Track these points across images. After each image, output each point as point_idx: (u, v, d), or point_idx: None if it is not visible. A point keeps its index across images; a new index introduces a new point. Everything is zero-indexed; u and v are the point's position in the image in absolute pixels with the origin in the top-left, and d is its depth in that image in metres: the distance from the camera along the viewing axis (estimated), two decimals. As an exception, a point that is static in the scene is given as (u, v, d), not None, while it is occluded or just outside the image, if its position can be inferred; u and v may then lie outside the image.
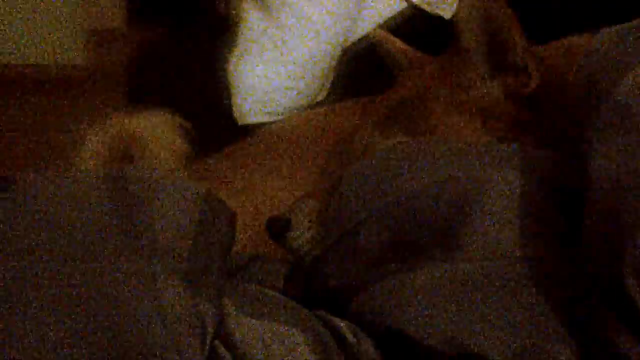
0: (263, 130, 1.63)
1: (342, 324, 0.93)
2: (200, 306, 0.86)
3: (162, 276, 0.85)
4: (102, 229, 0.89)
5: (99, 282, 0.84)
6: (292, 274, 1.15)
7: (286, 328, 0.89)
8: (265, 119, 1.71)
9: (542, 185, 0.96)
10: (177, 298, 0.84)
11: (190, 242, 0.90)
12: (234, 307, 0.90)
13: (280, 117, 1.71)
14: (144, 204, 0.91)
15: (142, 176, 0.97)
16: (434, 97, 1.16)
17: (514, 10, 1.09)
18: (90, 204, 0.92)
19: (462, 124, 1.13)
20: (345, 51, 1.75)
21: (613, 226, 0.80)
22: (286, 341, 0.88)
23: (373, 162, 1.08)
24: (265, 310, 0.91)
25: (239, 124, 1.73)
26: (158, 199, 0.93)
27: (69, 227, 0.89)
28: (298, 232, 1.15)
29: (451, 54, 1.16)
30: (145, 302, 0.83)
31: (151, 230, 0.89)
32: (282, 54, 1.71)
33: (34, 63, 3.06)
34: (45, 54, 3.17)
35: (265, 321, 0.89)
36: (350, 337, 0.91)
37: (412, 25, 1.71)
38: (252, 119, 1.72)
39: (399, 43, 1.32)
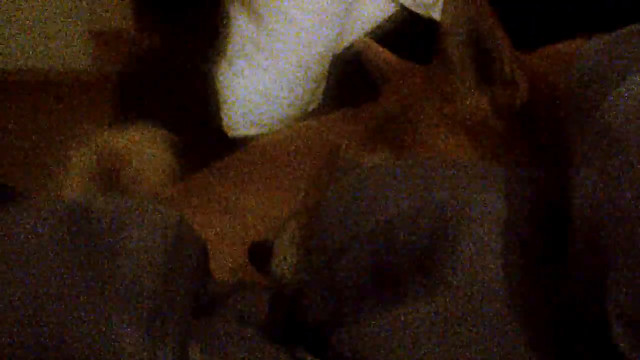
0: (253, 144, 1.58)
1: (320, 366, 0.88)
2: (160, 353, 0.81)
3: (121, 320, 0.81)
4: (60, 269, 0.84)
5: (54, 324, 0.80)
6: (275, 304, 1.09)
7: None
8: (255, 130, 1.67)
9: (529, 209, 0.89)
10: (135, 344, 0.80)
11: (156, 281, 0.86)
12: (200, 352, 0.86)
13: (271, 129, 1.66)
14: (108, 241, 0.87)
15: (108, 209, 0.92)
16: (419, 111, 1.10)
17: (499, 17, 1.03)
18: (50, 242, 0.87)
19: (448, 140, 1.07)
20: (338, 57, 1.70)
21: (595, 261, 0.73)
22: (254, 389, 0.84)
23: (353, 183, 1.01)
24: (235, 355, 0.87)
25: (229, 136, 1.69)
26: (124, 234, 0.88)
27: (25, 266, 0.85)
28: (281, 260, 1.09)
29: (437, 65, 1.10)
30: (102, 347, 0.79)
31: (114, 270, 0.85)
32: (271, 61, 1.66)
33: (38, 67, 3.04)
34: (49, 58, 3.15)
35: (233, 367, 0.85)
36: (327, 381, 0.87)
37: (404, 29, 1.66)
38: (243, 130, 1.68)
39: (383, 52, 1.25)
